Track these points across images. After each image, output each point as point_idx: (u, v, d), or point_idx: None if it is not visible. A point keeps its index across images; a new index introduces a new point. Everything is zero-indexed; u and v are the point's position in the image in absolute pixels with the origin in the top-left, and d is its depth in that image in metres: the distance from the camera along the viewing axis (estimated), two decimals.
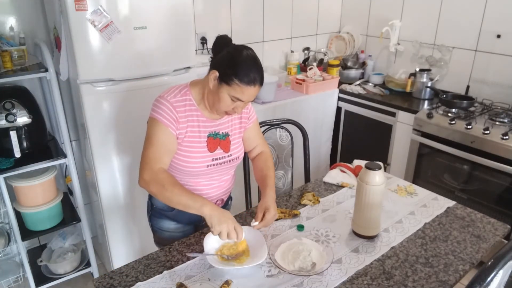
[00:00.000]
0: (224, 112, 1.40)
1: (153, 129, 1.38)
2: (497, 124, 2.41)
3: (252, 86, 1.32)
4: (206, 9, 2.75)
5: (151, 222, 1.63)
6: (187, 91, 1.43)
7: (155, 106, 1.40)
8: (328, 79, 3.07)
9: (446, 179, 2.61)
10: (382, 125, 2.94)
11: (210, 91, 1.38)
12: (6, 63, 1.93)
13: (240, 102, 1.35)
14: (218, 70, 1.33)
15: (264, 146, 1.68)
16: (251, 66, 1.31)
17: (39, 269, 2.29)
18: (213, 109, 1.41)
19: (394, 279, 1.25)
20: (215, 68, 1.34)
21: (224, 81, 1.32)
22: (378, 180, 1.35)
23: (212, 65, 1.38)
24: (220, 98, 1.35)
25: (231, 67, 1.30)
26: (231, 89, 1.32)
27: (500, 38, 2.64)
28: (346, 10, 3.58)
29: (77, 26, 1.77)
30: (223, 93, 1.33)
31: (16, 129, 1.94)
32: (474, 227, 1.50)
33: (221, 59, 1.34)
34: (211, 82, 1.35)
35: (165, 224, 1.60)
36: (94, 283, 1.25)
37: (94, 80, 1.89)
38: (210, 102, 1.41)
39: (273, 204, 1.47)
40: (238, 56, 1.31)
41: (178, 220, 1.59)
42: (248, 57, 1.33)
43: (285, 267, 1.27)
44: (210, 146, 1.46)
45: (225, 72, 1.31)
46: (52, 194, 2.15)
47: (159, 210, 1.58)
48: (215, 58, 1.38)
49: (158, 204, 1.57)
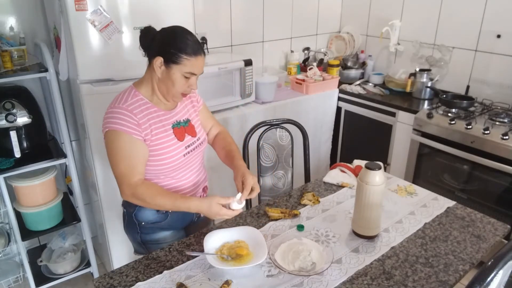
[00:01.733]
0: (181, 94, 1.39)
1: (117, 142, 1.33)
2: (497, 124, 2.41)
3: (199, 56, 1.33)
4: (206, 9, 2.75)
5: (143, 240, 1.53)
6: (135, 92, 1.39)
7: (110, 118, 1.34)
8: (328, 79, 3.07)
9: (446, 179, 2.61)
10: (382, 125, 2.94)
11: (160, 80, 1.36)
12: (6, 63, 1.93)
13: (194, 77, 1.36)
14: (160, 54, 1.32)
15: (218, 126, 1.69)
16: (190, 38, 1.33)
17: (39, 269, 2.29)
18: (169, 96, 1.40)
19: (394, 279, 1.25)
20: (157, 55, 1.32)
21: (171, 62, 1.31)
22: (378, 180, 1.35)
23: (151, 55, 1.36)
24: (174, 81, 1.34)
25: (173, 46, 1.30)
26: (181, 66, 1.32)
27: (500, 38, 2.64)
28: (346, 10, 3.58)
29: (77, 26, 1.77)
30: (175, 74, 1.33)
31: (16, 129, 1.94)
32: (474, 227, 1.50)
33: (159, 44, 1.33)
34: (158, 70, 1.34)
35: (159, 236, 1.52)
36: (94, 283, 1.25)
37: (94, 80, 1.89)
38: (163, 90, 1.39)
39: (247, 170, 1.46)
40: (173, 34, 1.32)
41: (172, 227, 1.54)
42: (183, 31, 1.34)
43: (285, 267, 1.27)
44: (179, 135, 1.45)
45: (169, 54, 1.31)
46: (52, 194, 2.15)
47: (151, 225, 1.50)
48: (151, 48, 1.35)
49: (149, 218, 1.49)
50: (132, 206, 1.47)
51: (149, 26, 1.37)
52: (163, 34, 1.35)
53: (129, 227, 1.54)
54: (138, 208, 1.47)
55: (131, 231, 1.55)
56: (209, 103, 2.45)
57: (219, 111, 2.54)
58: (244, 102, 2.66)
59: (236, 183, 1.46)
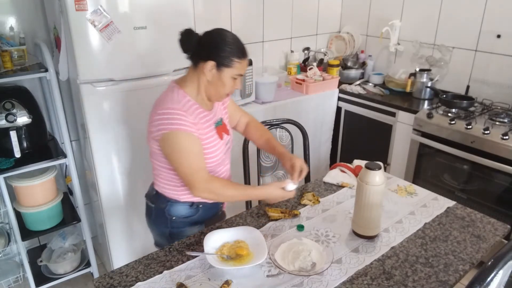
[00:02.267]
0: (226, 94, 1.46)
1: (182, 141, 1.37)
2: (497, 124, 2.41)
3: (247, 57, 1.42)
4: (206, 9, 2.75)
5: (171, 234, 1.57)
6: (182, 92, 1.42)
7: (168, 119, 1.36)
8: (328, 79, 3.07)
9: (446, 179, 2.61)
10: (382, 125, 2.94)
11: (209, 83, 1.41)
12: (6, 63, 1.93)
13: (240, 77, 1.43)
14: (212, 59, 1.36)
15: (247, 116, 1.75)
16: (238, 41, 1.40)
17: (39, 269, 2.29)
18: (216, 97, 1.46)
19: (394, 279, 1.25)
20: (208, 60, 1.36)
21: (223, 66, 1.37)
22: (378, 180, 1.35)
23: (199, 58, 1.39)
24: (224, 83, 1.40)
25: (225, 50, 1.36)
26: (233, 69, 1.38)
27: (500, 38, 2.64)
28: (346, 10, 3.58)
29: (77, 26, 1.77)
30: (226, 77, 1.39)
31: (16, 129, 1.94)
32: (474, 227, 1.50)
33: (209, 48, 1.37)
34: (209, 74, 1.38)
35: (188, 231, 1.56)
36: (94, 283, 1.25)
37: (94, 80, 1.89)
38: (212, 92, 1.44)
39: (292, 155, 1.59)
40: (223, 39, 1.38)
41: (201, 220, 1.59)
42: (231, 34, 1.40)
43: (285, 267, 1.27)
44: (219, 134, 1.52)
45: (221, 58, 1.36)
46: (52, 194, 2.15)
47: (182, 219, 1.55)
48: (198, 51, 1.39)
49: (182, 213, 1.54)
50: (164, 201, 1.54)
51: (190, 28, 1.40)
52: (211, 38, 1.38)
53: (157, 221, 1.59)
54: (171, 203, 1.53)
55: (159, 225, 1.59)
56: None
57: None
58: (244, 102, 2.66)
59: (286, 167, 1.57)
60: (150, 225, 1.65)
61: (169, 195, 1.53)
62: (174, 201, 1.53)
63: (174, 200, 1.53)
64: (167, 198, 1.53)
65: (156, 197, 1.56)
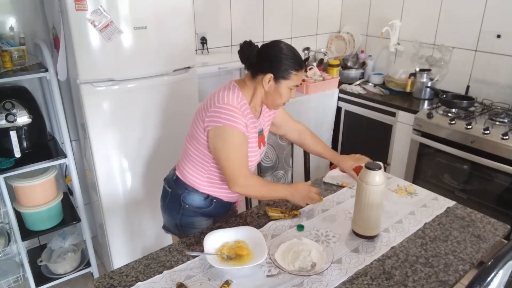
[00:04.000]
0: (282, 103, 1.53)
1: (233, 138, 1.42)
2: (497, 124, 2.41)
3: (302, 69, 1.48)
4: (206, 9, 2.75)
5: (181, 221, 1.62)
6: (241, 95, 1.48)
7: (224, 114, 1.41)
8: (328, 79, 3.07)
9: (446, 179, 2.61)
10: (382, 125, 2.94)
11: (267, 93, 1.49)
12: (6, 63, 1.93)
13: (295, 88, 1.50)
14: (271, 72, 1.43)
15: (298, 123, 1.84)
16: (295, 53, 1.46)
17: (39, 269, 2.29)
18: (272, 106, 1.54)
19: (394, 279, 1.25)
20: (268, 72, 1.43)
21: (281, 78, 1.44)
22: (378, 180, 1.35)
23: (258, 69, 1.46)
24: (281, 94, 1.48)
25: (284, 63, 1.43)
26: (290, 81, 1.45)
27: (500, 38, 2.64)
28: (346, 10, 3.58)
29: (77, 26, 1.77)
30: (283, 88, 1.46)
31: (16, 129, 1.94)
32: (474, 227, 1.50)
33: (268, 61, 1.44)
34: (267, 85, 1.46)
35: (197, 221, 1.61)
36: (94, 283, 1.25)
37: (94, 80, 1.89)
38: (269, 102, 1.52)
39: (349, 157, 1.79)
40: (281, 52, 1.44)
41: (212, 214, 1.63)
42: (288, 48, 1.46)
43: (285, 267, 1.27)
44: (259, 143, 1.59)
45: (279, 71, 1.43)
46: (52, 194, 2.15)
47: (195, 209, 1.59)
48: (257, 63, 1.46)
49: (196, 203, 1.59)
50: (182, 188, 1.59)
51: (250, 40, 1.46)
52: (270, 51, 1.45)
53: (170, 206, 1.64)
54: (188, 191, 1.58)
55: (172, 211, 1.63)
56: None
57: None
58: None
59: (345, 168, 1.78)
60: (162, 208, 1.69)
61: (190, 182, 1.58)
62: (192, 189, 1.58)
63: (193, 188, 1.57)
64: (186, 185, 1.58)
65: (175, 182, 1.61)
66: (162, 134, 2.15)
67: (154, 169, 2.16)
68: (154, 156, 2.16)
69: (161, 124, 2.13)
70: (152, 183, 2.18)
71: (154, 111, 2.09)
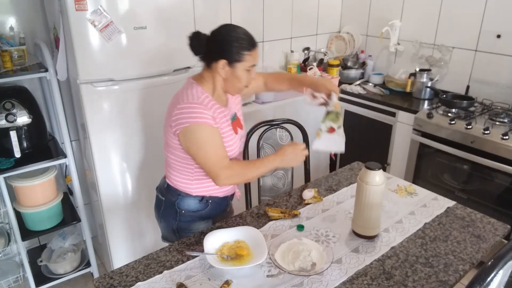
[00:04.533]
0: (244, 86, 1.49)
1: (203, 134, 1.40)
2: (497, 124, 2.41)
3: (256, 46, 1.44)
4: (206, 9, 2.75)
5: (178, 227, 1.60)
6: (200, 89, 1.46)
7: (188, 113, 1.39)
8: (328, 79, 3.07)
9: (446, 179, 2.61)
10: (382, 125, 2.94)
11: (225, 80, 1.45)
12: (6, 63, 1.93)
13: (254, 68, 1.47)
14: (223, 57, 1.39)
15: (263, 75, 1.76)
16: (244, 33, 1.43)
17: (39, 269, 2.29)
18: (235, 91, 1.50)
19: (394, 279, 1.25)
20: (219, 59, 1.39)
21: (235, 61, 1.40)
22: (378, 180, 1.35)
23: (211, 58, 1.43)
24: (239, 77, 1.44)
25: (233, 46, 1.39)
26: (244, 63, 1.41)
27: (500, 38, 2.63)
28: (346, 10, 3.58)
29: (77, 26, 1.77)
30: (240, 71, 1.42)
31: (16, 129, 1.94)
32: (474, 227, 1.50)
33: (218, 47, 1.40)
34: (222, 72, 1.42)
35: (195, 226, 1.59)
36: (94, 283, 1.25)
37: (94, 80, 1.89)
38: (230, 88, 1.48)
39: (319, 79, 1.66)
40: (229, 34, 1.40)
41: (209, 216, 1.62)
42: (235, 28, 1.42)
43: (285, 267, 1.27)
44: (234, 128, 1.55)
45: (231, 54, 1.39)
46: (52, 194, 2.15)
47: (191, 213, 1.58)
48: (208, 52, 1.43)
49: (191, 207, 1.57)
50: (174, 194, 1.57)
51: (197, 31, 1.43)
52: (218, 36, 1.41)
53: (166, 214, 1.61)
54: (182, 197, 1.56)
55: (167, 218, 1.61)
56: None
57: None
58: (244, 102, 2.66)
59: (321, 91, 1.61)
60: (158, 218, 1.67)
61: (181, 188, 1.56)
62: (185, 194, 1.56)
63: (185, 193, 1.56)
64: (178, 191, 1.56)
65: (167, 190, 1.60)
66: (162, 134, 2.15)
67: (154, 169, 2.16)
68: (154, 156, 2.16)
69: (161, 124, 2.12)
70: (152, 183, 2.17)
71: (154, 111, 2.09)
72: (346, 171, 1.96)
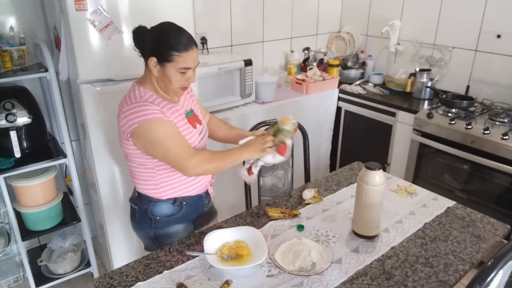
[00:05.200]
0: (180, 88, 1.42)
1: (157, 129, 1.35)
2: (497, 124, 2.41)
3: (190, 50, 1.35)
4: (206, 9, 2.75)
5: (156, 235, 1.55)
6: (143, 89, 1.41)
7: (136, 112, 1.34)
8: (328, 79, 3.07)
9: (446, 179, 2.61)
10: (382, 125, 2.94)
11: (158, 78, 1.40)
12: (6, 63, 1.93)
13: (189, 70, 1.38)
14: (153, 55, 1.34)
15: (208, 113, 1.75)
16: (179, 34, 1.35)
17: (39, 269, 2.29)
18: (169, 92, 1.43)
19: (394, 279, 1.25)
20: (150, 56, 1.35)
21: (164, 61, 1.34)
22: (378, 180, 1.35)
23: (145, 55, 1.39)
24: (170, 78, 1.37)
25: (163, 45, 1.33)
26: (174, 63, 1.34)
27: (500, 38, 2.64)
28: (346, 10, 3.58)
29: (77, 26, 1.77)
30: (170, 71, 1.36)
31: (16, 129, 1.94)
32: (474, 227, 1.50)
33: (149, 44, 1.36)
34: (154, 70, 1.37)
35: (172, 230, 1.55)
36: (94, 283, 1.25)
37: (94, 80, 1.89)
38: (163, 87, 1.42)
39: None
40: (162, 33, 1.35)
41: (186, 218, 1.57)
42: (171, 28, 1.36)
43: (285, 267, 1.27)
44: (192, 123, 1.50)
45: (160, 53, 1.34)
46: (52, 194, 2.15)
47: (166, 218, 1.53)
48: (144, 48, 1.39)
49: (165, 211, 1.52)
50: (146, 202, 1.52)
51: (140, 25, 1.39)
52: (152, 33, 1.37)
53: (141, 223, 1.57)
54: (153, 203, 1.51)
55: (143, 227, 1.57)
56: (209, 103, 2.45)
57: (219, 111, 2.54)
58: (244, 102, 2.66)
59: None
60: (135, 228, 1.62)
61: (150, 194, 1.51)
62: (156, 200, 1.51)
63: (156, 199, 1.51)
64: (149, 198, 1.51)
65: (139, 198, 1.55)
66: None
67: None
68: None
69: None
70: None
71: None
72: (346, 171, 1.96)
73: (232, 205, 2.65)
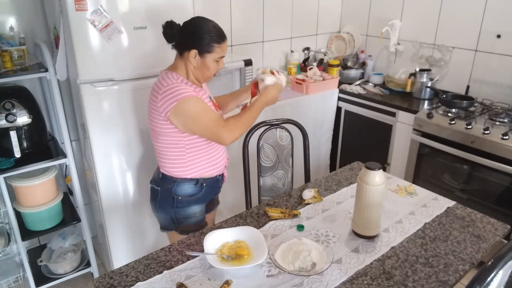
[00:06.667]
0: (213, 75, 1.61)
1: (192, 105, 1.49)
2: (497, 124, 2.41)
3: (226, 39, 1.56)
4: (206, 9, 2.75)
5: (176, 215, 1.68)
6: (175, 74, 1.55)
7: (174, 91, 1.48)
8: (328, 79, 3.07)
9: (446, 179, 2.61)
10: (382, 125, 2.94)
11: (196, 68, 1.56)
12: (6, 63, 1.93)
13: (222, 59, 1.59)
14: (195, 47, 1.51)
15: None
16: (214, 26, 1.53)
17: (39, 269, 2.30)
18: (203, 79, 1.61)
19: (394, 279, 1.25)
20: (191, 48, 1.51)
21: (205, 52, 1.52)
22: (378, 180, 1.35)
23: (182, 47, 1.54)
24: (209, 67, 1.56)
25: (205, 38, 1.50)
26: (214, 54, 1.54)
27: (500, 38, 2.64)
28: (346, 10, 3.58)
29: (77, 26, 1.77)
30: (209, 61, 1.55)
31: (16, 129, 1.94)
32: (474, 227, 1.50)
33: (190, 38, 1.51)
34: (193, 61, 1.53)
35: (191, 210, 1.69)
36: (94, 283, 1.25)
37: (94, 80, 1.89)
38: (199, 76, 1.59)
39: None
40: (201, 27, 1.51)
41: (204, 199, 1.71)
42: (207, 21, 1.53)
43: (285, 267, 1.27)
44: (215, 106, 1.68)
45: (202, 45, 1.51)
46: (52, 194, 2.15)
47: (187, 198, 1.66)
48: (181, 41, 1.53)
49: (188, 191, 1.65)
50: (170, 182, 1.65)
51: (171, 20, 1.53)
52: (191, 28, 1.52)
53: (163, 203, 1.69)
54: (177, 183, 1.65)
55: (165, 207, 1.69)
56: None
57: None
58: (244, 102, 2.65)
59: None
60: (155, 209, 1.73)
61: (176, 174, 1.64)
62: (181, 180, 1.64)
63: (181, 179, 1.64)
64: (173, 178, 1.64)
65: (163, 179, 1.67)
66: None
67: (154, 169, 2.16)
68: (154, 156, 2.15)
69: None
70: None
71: None
72: (346, 171, 1.96)
73: (232, 205, 2.65)
